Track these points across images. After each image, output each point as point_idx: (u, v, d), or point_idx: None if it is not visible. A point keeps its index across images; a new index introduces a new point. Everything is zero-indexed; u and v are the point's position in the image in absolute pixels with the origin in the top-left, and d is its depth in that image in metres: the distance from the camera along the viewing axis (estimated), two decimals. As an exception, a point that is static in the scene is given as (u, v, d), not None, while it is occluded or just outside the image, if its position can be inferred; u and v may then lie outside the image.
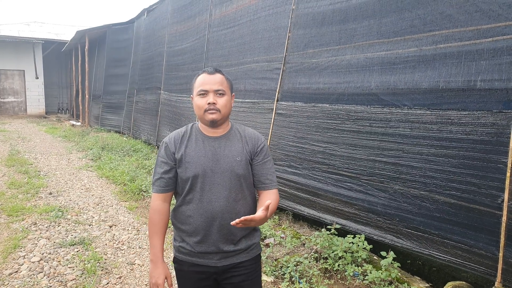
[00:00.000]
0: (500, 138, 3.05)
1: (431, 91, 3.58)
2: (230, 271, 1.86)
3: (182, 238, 1.88)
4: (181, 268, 1.90)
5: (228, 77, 1.90)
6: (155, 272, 1.85)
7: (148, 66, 11.76)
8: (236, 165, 1.82)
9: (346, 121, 4.31)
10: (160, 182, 1.86)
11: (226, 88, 1.84)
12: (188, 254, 1.86)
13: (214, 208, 1.79)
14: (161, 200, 1.87)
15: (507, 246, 3.03)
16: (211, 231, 1.80)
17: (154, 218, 1.87)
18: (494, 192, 3.09)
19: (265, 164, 1.90)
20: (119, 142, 11.15)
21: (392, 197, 3.81)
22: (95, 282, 3.31)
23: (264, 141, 1.95)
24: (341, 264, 3.52)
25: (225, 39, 7.20)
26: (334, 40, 4.60)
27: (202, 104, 1.81)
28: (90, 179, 7.13)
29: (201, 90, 1.82)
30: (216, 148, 1.84)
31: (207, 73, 1.85)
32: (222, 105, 1.81)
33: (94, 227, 4.68)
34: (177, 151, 1.84)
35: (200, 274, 1.86)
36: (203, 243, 1.82)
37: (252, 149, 1.88)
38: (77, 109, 20.97)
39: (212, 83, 1.81)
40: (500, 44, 3.13)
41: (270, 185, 1.90)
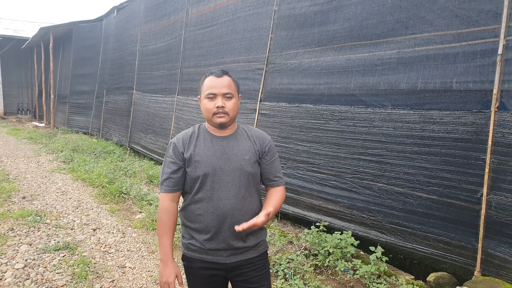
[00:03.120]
0: (479, 136, 3.24)
1: (411, 92, 3.75)
2: (239, 268, 1.90)
3: (191, 236, 1.90)
4: (190, 265, 1.93)
5: (235, 79, 1.93)
6: (166, 271, 1.86)
7: (119, 65, 11.53)
8: (245, 163, 1.87)
9: (330, 121, 4.42)
10: (169, 182, 1.88)
11: (234, 91, 1.88)
12: (197, 251, 1.89)
13: (224, 206, 1.82)
14: (170, 199, 1.89)
15: (486, 238, 3.23)
16: (222, 228, 1.83)
17: (163, 217, 1.88)
18: (474, 187, 3.28)
19: (273, 163, 1.97)
20: (90, 143, 10.87)
21: (377, 194, 3.96)
22: (88, 287, 3.26)
23: (271, 140, 2.01)
24: (331, 260, 3.63)
25: (203, 38, 7.19)
26: (316, 41, 4.71)
27: (211, 108, 1.84)
28: (65, 182, 6.94)
29: (209, 93, 1.84)
30: (225, 147, 1.88)
31: (215, 75, 1.86)
32: (230, 109, 1.84)
33: (77, 231, 4.57)
34: (186, 150, 1.87)
35: (210, 270, 1.89)
36: (213, 240, 1.85)
37: (260, 148, 1.94)
38: (40, 109, 20.22)
39: (221, 87, 1.83)
40: (475, 48, 3.33)
41: (279, 181, 1.98)
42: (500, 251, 3.14)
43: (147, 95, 9.49)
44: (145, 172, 7.45)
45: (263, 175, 1.96)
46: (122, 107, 11.05)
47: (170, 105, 8.25)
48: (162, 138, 8.47)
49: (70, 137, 12.48)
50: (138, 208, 5.50)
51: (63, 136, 12.97)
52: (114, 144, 10.79)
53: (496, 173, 3.13)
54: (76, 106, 14.97)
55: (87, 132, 13.76)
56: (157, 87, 9.03)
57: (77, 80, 14.89)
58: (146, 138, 9.27)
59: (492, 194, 3.16)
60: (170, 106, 8.25)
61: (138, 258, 3.93)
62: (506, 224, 3.10)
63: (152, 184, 7.00)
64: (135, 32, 10.42)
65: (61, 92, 16.74)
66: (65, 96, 15.97)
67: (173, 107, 8.05)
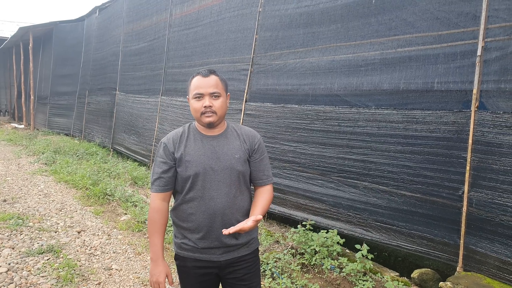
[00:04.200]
0: (460, 135, 3.33)
1: (394, 92, 3.82)
2: (232, 265, 1.92)
3: (183, 235, 1.91)
4: (183, 265, 1.94)
5: (222, 78, 1.94)
6: (156, 270, 1.87)
7: (101, 66, 11.39)
8: (236, 162, 1.89)
9: (315, 121, 4.47)
10: (160, 181, 1.89)
11: (221, 90, 1.89)
12: (190, 250, 1.90)
13: (216, 204, 1.84)
14: (161, 199, 1.90)
15: (467, 234, 3.31)
16: (213, 227, 1.85)
17: (154, 217, 1.89)
18: (456, 185, 3.37)
19: (262, 161, 2.00)
20: (72, 145, 10.70)
21: (362, 192, 4.03)
22: (74, 290, 3.23)
23: (260, 138, 2.03)
24: (317, 259, 3.67)
25: (187, 39, 7.17)
26: (300, 42, 4.76)
27: (198, 107, 1.85)
28: (47, 184, 6.82)
29: (196, 93, 1.85)
30: (215, 146, 1.89)
31: (202, 75, 1.87)
32: (218, 107, 1.86)
33: (61, 233, 4.51)
34: (177, 150, 1.88)
35: (203, 269, 1.91)
36: (206, 239, 1.87)
37: (250, 147, 1.96)
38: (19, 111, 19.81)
39: (207, 86, 1.85)
40: (455, 49, 3.42)
41: (267, 180, 2.00)
42: (481, 247, 3.23)
43: (130, 95, 9.41)
44: (129, 173, 7.38)
45: (252, 174, 1.98)
46: (104, 108, 10.92)
47: (154, 106, 8.20)
48: (146, 139, 8.41)
49: (52, 139, 12.27)
50: (123, 209, 5.45)
51: (44, 138, 12.74)
52: (97, 146, 10.65)
53: (477, 171, 3.22)
54: (57, 107, 14.73)
55: (69, 133, 13.55)
56: (141, 87, 8.96)
57: (58, 81, 14.65)
58: (129, 139, 9.19)
59: (473, 191, 3.25)
60: (154, 107, 8.20)
61: (124, 260, 3.90)
62: (486, 221, 3.19)
63: (137, 185, 6.95)
64: (117, 32, 10.32)
65: (41, 93, 16.44)
66: (45, 97, 15.69)
67: (157, 108, 8.01)
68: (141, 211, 5.18)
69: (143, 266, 3.80)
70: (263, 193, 1.97)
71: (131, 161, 8.78)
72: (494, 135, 3.10)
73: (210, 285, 1.97)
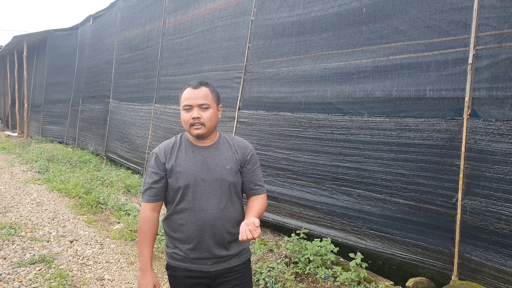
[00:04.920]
0: (453, 142, 3.33)
1: (387, 100, 3.82)
2: (222, 276, 1.90)
3: (174, 245, 1.91)
4: (174, 274, 1.92)
5: (214, 89, 1.94)
6: (144, 280, 1.86)
7: (95, 74, 11.37)
8: (226, 173, 1.88)
9: (308, 128, 4.47)
10: (150, 192, 1.88)
11: (211, 101, 1.88)
12: (181, 260, 1.89)
13: (206, 216, 1.83)
14: (151, 209, 1.89)
15: (462, 242, 3.30)
16: (204, 238, 1.84)
17: (143, 227, 1.89)
18: (449, 192, 3.36)
19: (254, 171, 1.99)
20: (65, 153, 10.64)
21: (356, 200, 4.01)
22: (64, 302, 3.18)
23: (252, 148, 2.02)
24: (311, 268, 3.64)
25: (180, 47, 7.17)
26: (293, 50, 4.76)
27: (187, 119, 1.85)
28: (40, 192, 6.76)
29: (185, 105, 1.86)
30: (206, 157, 1.88)
31: (192, 87, 1.88)
32: (206, 119, 1.85)
33: (53, 243, 4.45)
34: (168, 161, 1.87)
35: (194, 279, 1.89)
36: (196, 249, 1.86)
37: (242, 157, 1.95)
38: (13, 119, 19.69)
39: (195, 98, 1.85)
40: (446, 57, 3.43)
41: (260, 190, 1.99)
42: (476, 255, 3.22)
43: (124, 103, 9.38)
44: (122, 181, 7.33)
45: (245, 184, 1.97)
46: (98, 116, 10.88)
47: (147, 114, 8.18)
48: (139, 147, 8.37)
49: (45, 147, 12.19)
50: (116, 218, 5.40)
51: (38, 146, 12.66)
52: (90, 154, 10.60)
53: (470, 179, 3.21)
54: (51, 115, 14.66)
55: (62, 141, 13.48)
56: (134, 95, 8.94)
57: (51, 88, 14.59)
58: (122, 147, 9.15)
59: (467, 199, 3.24)
60: (147, 115, 8.18)
61: (117, 270, 3.86)
62: (480, 229, 3.18)
63: (130, 193, 6.90)
64: (111, 40, 10.31)
65: (35, 101, 16.36)
66: (39, 105, 15.62)
67: (151, 116, 7.98)
68: (134, 220, 5.14)
69: (135, 276, 3.75)
70: (257, 199, 1.96)
71: (124, 169, 8.73)
72: (486, 142, 3.10)
73: None
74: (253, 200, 1.96)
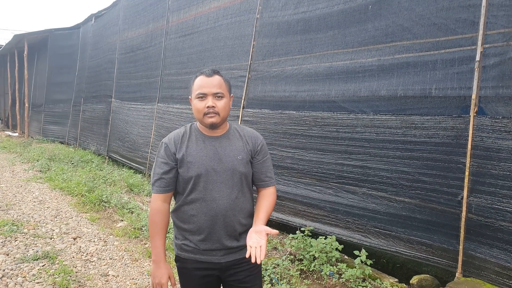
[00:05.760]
0: (459, 140, 3.33)
1: (392, 98, 3.83)
2: (233, 267, 1.89)
3: (184, 237, 1.89)
4: (184, 266, 1.90)
5: (226, 79, 1.92)
6: (158, 272, 1.83)
7: (97, 73, 11.37)
8: (238, 163, 1.86)
9: (313, 127, 4.47)
10: (161, 182, 1.86)
11: (225, 90, 1.87)
12: (191, 252, 1.87)
13: (218, 206, 1.82)
14: (162, 200, 1.87)
15: (467, 240, 3.31)
16: (215, 228, 1.83)
17: (155, 218, 1.86)
18: (455, 190, 3.37)
19: (265, 163, 1.97)
20: (67, 153, 10.63)
21: (361, 198, 4.01)
22: (70, 296, 3.18)
23: (263, 139, 2.01)
24: (316, 265, 3.64)
25: (183, 46, 7.18)
26: (298, 49, 4.77)
27: (201, 108, 1.82)
28: (42, 191, 6.75)
29: (199, 93, 1.82)
30: (217, 147, 1.87)
31: (206, 75, 1.85)
32: (221, 108, 1.83)
33: (57, 240, 4.45)
34: (178, 151, 1.85)
35: (204, 270, 1.88)
36: (207, 240, 1.84)
37: (252, 148, 1.94)
38: (13, 119, 19.67)
39: (211, 86, 1.82)
40: (453, 55, 3.44)
41: (270, 182, 1.98)
42: (480, 252, 3.22)
43: (126, 103, 9.38)
44: (125, 180, 7.33)
45: (255, 175, 1.96)
46: (100, 116, 10.88)
47: (150, 113, 8.18)
48: (142, 146, 8.37)
49: (46, 147, 12.19)
50: (119, 216, 5.40)
51: (39, 146, 12.65)
52: (92, 153, 10.59)
53: (476, 176, 3.22)
54: (52, 115, 14.65)
55: (64, 141, 13.47)
56: (137, 95, 8.94)
57: (53, 88, 14.59)
58: (124, 147, 9.14)
59: (472, 197, 3.25)
60: (150, 114, 8.18)
61: (121, 266, 3.85)
62: (485, 226, 3.19)
63: (133, 192, 6.89)
64: (113, 39, 10.32)
65: (35, 101, 16.36)
66: (40, 105, 15.61)
67: (153, 115, 7.98)
68: (138, 218, 5.13)
69: (140, 272, 3.75)
70: (267, 196, 1.94)
71: (127, 169, 8.72)
72: (493, 140, 3.11)
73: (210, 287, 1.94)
74: (263, 197, 1.94)
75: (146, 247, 4.37)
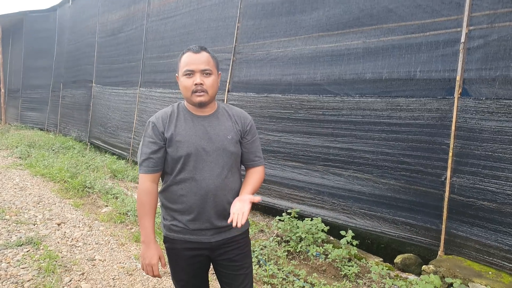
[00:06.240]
0: (443, 122, 3.39)
1: (378, 80, 3.86)
2: (223, 246, 1.89)
3: (173, 217, 1.87)
4: (173, 247, 1.89)
5: (214, 55, 1.88)
6: (148, 253, 1.82)
7: (76, 58, 11.08)
8: (228, 143, 1.85)
9: (300, 110, 4.48)
10: (149, 162, 1.82)
11: (213, 67, 1.82)
12: (180, 232, 1.86)
13: (208, 185, 1.80)
14: (150, 180, 1.84)
15: (449, 219, 3.39)
16: (205, 208, 1.81)
17: (143, 199, 1.83)
18: (439, 171, 3.44)
19: (254, 143, 1.97)
20: (47, 139, 10.39)
21: (347, 180, 4.06)
22: (56, 281, 3.13)
23: (251, 119, 1.99)
24: (303, 246, 3.69)
25: (166, 28, 7.05)
26: (283, 31, 4.74)
27: (189, 85, 1.79)
28: (23, 177, 6.60)
29: (187, 70, 1.78)
30: (207, 126, 1.85)
31: (193, 51, 1.80)
32: (209, 86, 1.80)
33: (40, 226, 4.38)
34: (166, 130, 1.82)
35: (194, 250, 1.87)
36: (196, 220, 1.83)
37: (242, 128, 1.92)
38: (-11, 105, 19.10)
39: (198, 63, 1.78)
40: (438, 38, 3.47)
41: (259, 161, 1.98)
42: (462, 231, 3.32)
43: (107, 88, 9.20)
44: (108, 166, 7.23)
45: (244, 155, 1.95)
46: (80, 101, 10.65)
47: (132, 98, 8.05)
48: (124, 132, 8.25)
49: (25, 133, 11.90)
50: (103, 202, 5.34)
51: (17, 132, 12.35)
52: (73, 140, 10.39)
53: (459, 157, 3.29)
54: (30, 101, 14.27)
55: (43, 128, 13.17)
56: (118, 79, 8.77)
57: (30, 73, 14.18)
58: (107, 133, 9.00)
59: (455, 177, 3.32)
60: (132, 99, 8.04)
61: (107, 251, 3.82)
62: (467, 205, 3.27)
63: (116, 178, 6.81)
64: (92, 22, 10.05)
65: (12, 86, 15.90)
66: (17, 91, 15.18)
67: (136, 100, 7.86)
68: (123, 203, 5.08)
69: (127, 256, 3.73)
70: (255, 173, 1.95)
71: (109, 155, 8.60)
72: (476, 121, 3.17)
73: (200, 267, 1.93)
74: (251, 173, 1.94)
75: (132, 231, 4.34)
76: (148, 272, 1.84)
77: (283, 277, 3.26)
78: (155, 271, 1.84)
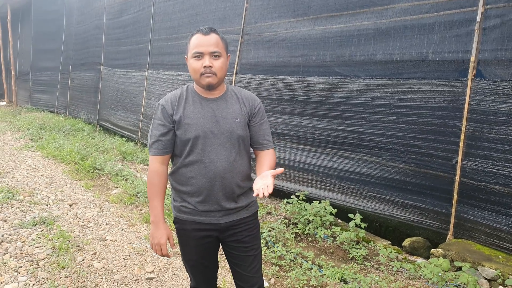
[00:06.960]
0: (456, 104, 3.33)
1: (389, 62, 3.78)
2: (232, 228, 1.90)
3: (182, 199, 1.88)
4: (183, 227, 1.91)
5: (223, 37, 1.85)
6: (157, 232, 1.85)
7: (84, 40, 11.06)
8: (236, 126, 1.84)
9: (308, 92, 4.43)
10: (158, 144, 1.84)
11: (222, 49, 1.80)
12: (190, 213, 1.87)
13: (216, 168, 1.80)
14: (160, 162, 1.85)
15: (459, 203, 3.36)
16: (214, 190, 1.82)
17: (153, 180, 1.85)
18: (450, 154, 3.39)
19: (262, 125, 1.95)
20: (57, 121, 10.49)
21: (356, 163, 4.04)
22: (70, 260, 3.19)
23: (260, 102, 1.98)
24: (311, 228, 3.70)
25: (173, 10, 6.97)
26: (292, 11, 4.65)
27: (198, 67, 1.77)
28: (35, 159, 6.69)
29: (196, 52, 1.77)
30: (215, 109, 1.84)
31: (202, 33, 1.78)
32: (218, 68, 1.78)
33: (53, 206, 4.45)
34: (175, 112, 1.82)
35: (203, 231, 1.89)
36: (205, 202, 1.84)
37: (249, 110, 1.91)
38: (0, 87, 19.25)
39: (208, 45, 1.76)
40: (452, 18, 3.38)
41: (268, 145, 1.96)
42: (472, 215, 3.29)
43: (115, 70, 9.19)
44: (117, 148, 7.28)
45: (253, 138, 1.94)
46: (89, 84, 10.67)
47: (140, 80, 8.04)
48: (133, 114, 8.27)
49: (36, 115, 12.00)
50: (114, 183, 5.39)
51: (28, 114, 12.45)
52: (83, 122, 10.46)
53: (471, 140, 3.24)
54: (40, 83, 14.34)
55: (53, 110, 13.26)
56: (126, 61, 8.75)
57: (39, 56, 14.21)
58: (116, 115, 9.03)
59: (467, 160, 3.28)
60: (140, 81, 8.03)
61: (118, 231, 3.88)
62: (478, 189, 3.24)
63: (126, 160, 6.86)
64: (100, 4, 9.98)
65: (22, 69, 15.97)
66: (27, 73, 15.25)
67: (144, 82, 7.85)
68: (132, 185, 5.13)
69: (137, 237, 3.78)
70: (268, 155, 1.92)
71: (119, 137, 8.65)
72: (490, 103, 3.11)
73: (210, 248, 1.95)
74: (263, 156, 1.93)
75: (142, 213, 4.39)
76: (157, 251, 1.87)
77: (291, 259, 3.28)
78: (163, 250, 1.87)
